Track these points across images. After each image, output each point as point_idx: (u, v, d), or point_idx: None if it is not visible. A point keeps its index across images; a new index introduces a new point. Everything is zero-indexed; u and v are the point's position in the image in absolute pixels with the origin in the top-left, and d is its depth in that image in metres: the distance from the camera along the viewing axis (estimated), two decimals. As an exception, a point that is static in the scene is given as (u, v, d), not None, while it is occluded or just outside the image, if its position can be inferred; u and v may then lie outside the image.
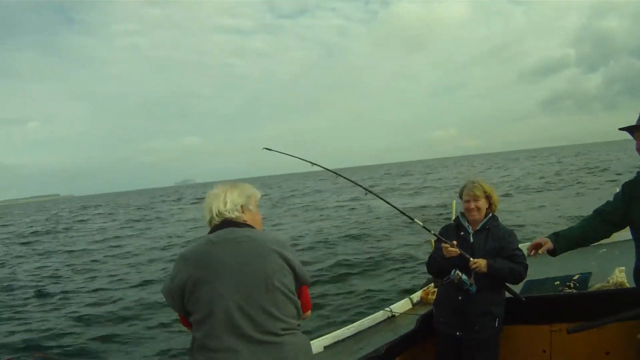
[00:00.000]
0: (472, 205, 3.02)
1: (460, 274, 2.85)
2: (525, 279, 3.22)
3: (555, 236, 2.74)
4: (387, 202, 3.51)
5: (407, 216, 3.32)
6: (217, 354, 1.83)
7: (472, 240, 3.02)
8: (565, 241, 2.72)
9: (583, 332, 2.38)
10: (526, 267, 2.94)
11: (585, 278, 3.64)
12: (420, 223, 3.22)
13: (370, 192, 3.57)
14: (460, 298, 2.92)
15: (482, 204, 3.02)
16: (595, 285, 3.39)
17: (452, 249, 2.88)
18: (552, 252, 2.73)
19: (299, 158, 3.55)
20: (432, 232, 3.15)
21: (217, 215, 2.05)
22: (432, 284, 4.43)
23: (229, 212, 2.05)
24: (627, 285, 3.09)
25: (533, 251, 2.77)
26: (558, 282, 3.66)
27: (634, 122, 2.35)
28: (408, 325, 3.39)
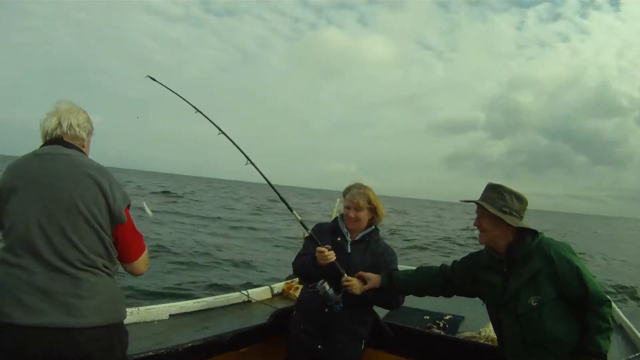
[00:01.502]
0: (352, 214, 2.65)
1: (327, 287, 2.50)
2: None
3: (388, 277, 2.56)
4: (265, 179, 2.90)
5: (286, 204, 2.88)
6: (12, 269, 1.72)
7: (349, 250, 2.66)
8: (399, 284, 2.56)
9: None
10: (404, 295, 2.68)
11: (457, 321, 3.48)
12: (298, 217, 2.82)
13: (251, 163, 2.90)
14: (326, 310, 2.56)
15: (364, 215, 2.65)
16: (464, 332, 3.19)
17: (328, 254, 2.51)
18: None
19: (185, 100, 2.87)
20: (308, 230, 2.74)
21: (53, 130, 1.92)
22: (297, 279, 4.03)
23: (68, 132, 1.94)
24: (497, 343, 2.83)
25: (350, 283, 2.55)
26: (427, 317, 3.49)
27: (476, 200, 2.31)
28: (262, 316, 3.18)
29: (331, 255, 2.51)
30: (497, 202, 2.22)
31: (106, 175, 1.86)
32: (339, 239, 2.66)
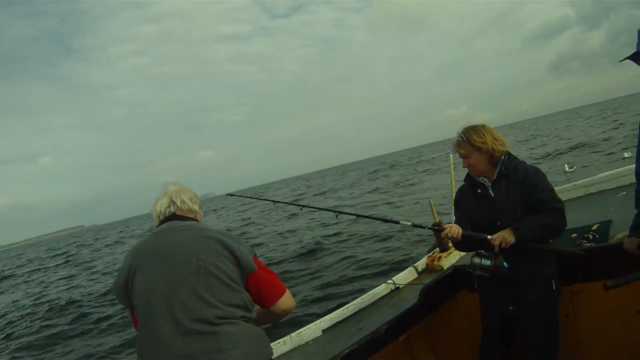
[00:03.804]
0: (465, 164, 2.56)
1: (478, 260, 2.41)
2: None
3: (638, 231, 2.33)
4: (363, 216, 3.18)
5: (392, 221, 2.91)
6: (151, 347, 1.77)
7: (492, 194, 2.51)
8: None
9: (611, 290, 2.01)
10: (561, 212, 2.40)
11: (605, 227, 3.25)
12: (408, 223, 2.81)
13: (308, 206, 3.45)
14: (499, 273, 2.44)
15: (476, 158, 2.49)
16: (617, 235, 2.98)
17: (450, 232, 2.47)
18: None
19: (258, 198, 4.21)
20: (426, 226, 2.76)
21: (167, 209, 2.05)
22: (438, 249, 4.13)
23: (180, 209, 2.05)
24: None
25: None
26: (575, 235, 3.27)
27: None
28: (414, 298, 3.10)
29: (454, 230, 2.45)
30: None
31: (226, 233, 1.94)
32: (479, 190, 2.55)
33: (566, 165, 15.82)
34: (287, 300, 2.02)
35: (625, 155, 14.69)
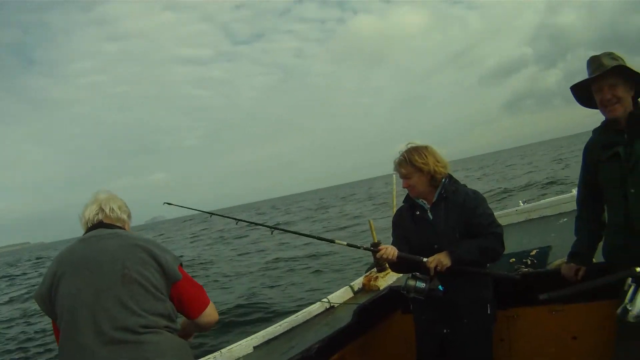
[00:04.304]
0: (404, 184, 2.52)
1: (413, 283, 2.35)
2: None
3: (575, 258, 2.43)
4: (298, 233, 3.37)
5: (326, 240, 2.99)
6: (73, 356, 1.75)
7: (431, 217, 2.47)
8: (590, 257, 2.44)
9: (546, 316, 2.10)
10: (500, 237, 2.40)
11: (544, 252, 3.21)
12: (343, 242, 2.80)
13: (278, 229, 3.35)
14: (434, 295, 2.41)
15: (417, 179, 2.45)
16: (555, 261, 2.90)
17: (385, 252, 2.43)
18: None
19: (197, 209, 3.83)
20: (361, 246, 2.72)
21: (95, 216, 2.04)
22: (375, 269, 3.94)
23: (108, 217, 2.05)
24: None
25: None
26: (514, 259, 3.24)
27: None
28: (348, 318, 3.05)
29: (390, 252, 2.41)
30: (624, 66, 2.07)
31: (154, 242, 1.95)
32: (417, 212, 2.52)
33: (520, 202, 16.37)
34: (210, 313, 2.01)
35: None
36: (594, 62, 2.13)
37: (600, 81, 2.11)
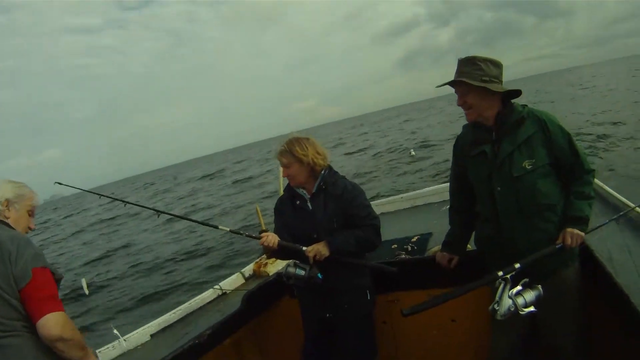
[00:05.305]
0: (284, 173, 2.59)
1: (292, 270, 2.43)
2: None
3: (448, 247, 2.57)
4: (185, 218, 3.33)
5: (210, 225, 2.99)
6: None
7: (310, 207, 2.54)
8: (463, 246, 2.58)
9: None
10: (376, 228, 2.51)
11: (425, 239, 3.38)
12: (227, 229, 2.81)
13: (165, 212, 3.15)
14: (315, 282, 2.49)
15: (296, 169, 2.51)
16: (434, 247, 3.06)
17: (266, 240, 2.45)
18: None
19: (89, 191, 3.84)
20: (244, 233, 2.75)
21: None
22: (265, 255, 3.90)
23: None
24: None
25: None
26: (395, 245, 3.38)
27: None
28: (239, 303, 3.14)
29: (271, 239, 2.44)
30: (475, 73, 2.12)
31: (17, 240, 1.85)
32: (298, 202, 2.57)
33: (412, 150, 20.27)
34: (53, 324, 1.78)
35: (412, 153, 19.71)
36: (457, 66, 2.19)
37: (454, 87, 2.20)
